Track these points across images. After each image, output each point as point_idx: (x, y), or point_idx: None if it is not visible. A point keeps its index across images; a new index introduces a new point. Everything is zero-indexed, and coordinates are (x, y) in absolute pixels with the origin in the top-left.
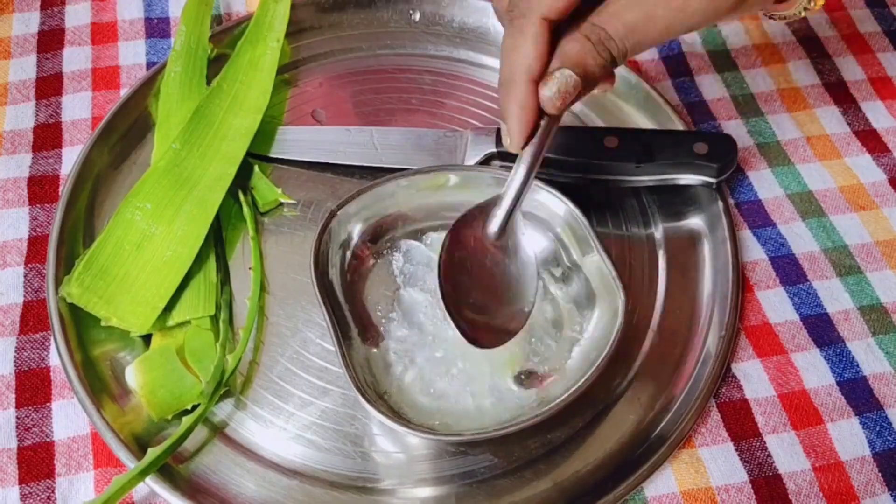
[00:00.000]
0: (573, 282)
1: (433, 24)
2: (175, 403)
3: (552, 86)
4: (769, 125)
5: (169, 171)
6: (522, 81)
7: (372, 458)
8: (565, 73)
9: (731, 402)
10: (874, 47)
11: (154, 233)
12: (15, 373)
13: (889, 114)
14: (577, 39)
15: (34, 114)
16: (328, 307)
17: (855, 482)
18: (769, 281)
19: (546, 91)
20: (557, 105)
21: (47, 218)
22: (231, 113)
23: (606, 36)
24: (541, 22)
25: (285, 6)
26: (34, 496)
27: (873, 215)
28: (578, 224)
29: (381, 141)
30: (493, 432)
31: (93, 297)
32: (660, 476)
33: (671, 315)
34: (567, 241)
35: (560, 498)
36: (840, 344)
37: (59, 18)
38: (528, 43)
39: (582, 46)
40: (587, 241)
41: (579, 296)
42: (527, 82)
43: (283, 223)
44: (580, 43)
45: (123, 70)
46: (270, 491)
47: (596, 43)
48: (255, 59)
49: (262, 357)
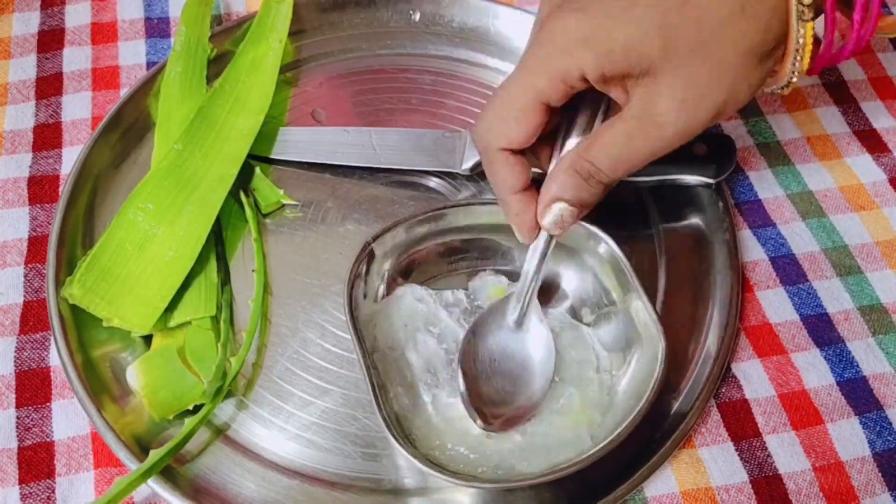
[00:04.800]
0: (612, 323)
1: (433, 24)
2: (176, 404)
3: (549, 217)
4: (769, 125)
5: (171, 171)
6: (508, 196)
7: (372, 457)
8: (561, 207)
9: (731, 402)
10: (874, 47)
11: (156, 233)
12: (15, 373)
13: (889, 114)
14: (568, 173)
15: (34, 114)
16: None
17: (855, 482)
18: (769, 281)
19: (545, 221)
20: (557, 231)
21: (47, 218)
22: (233, 113)
23: (596, 170)
24: (502, 152)
25: (287, 6)
26: (34, 496)
27: (873, 215)
28: (619, 264)
29: (379, 141)
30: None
31: (95, 297)
32: (660, 476)
33: (671, 315)
34: (607, 281)
35: (560, 498)
36: (840, 344)
37: (59, 18)
38: (499, 170)
39: (574, 181)
40: (628, 282)
41: (618, 337)
42: (512, 195)
43: (283, 223)
44: (571, 177)
45: (123, 70)
46: (270, 491)
47: (587, 178)
48: (258, 60)
49: (263, 358)
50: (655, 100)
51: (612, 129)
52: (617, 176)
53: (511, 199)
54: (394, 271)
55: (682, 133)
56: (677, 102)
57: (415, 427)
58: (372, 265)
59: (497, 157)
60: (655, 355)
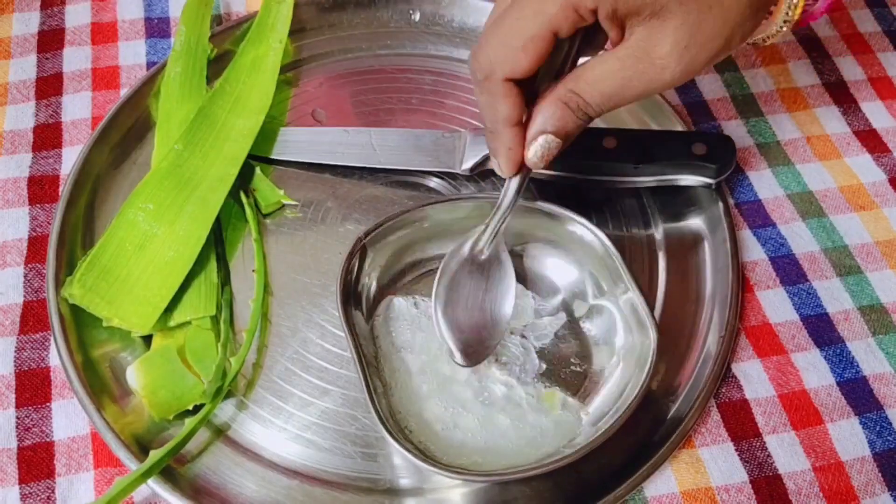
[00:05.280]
0: (603, 316)
1: (433, 24)
2: (176, 404)
3: (536, 149)
4: (769, 125)
5: (171, 171)
6: (505, 129)
7: (372, 457)
8: (548, 139)
9: (731, 402)
10: (874, 47)
11: (156, 233)
12: (15, 373)
13: (889, 114)
14: (556, 105)
15: (34, 114)
16: (356, 343)
17: (855, 482)
18: (769, 281)
19: (530, 154)
20: (541, 164)
21: (47, 218)
22: (233, 114)
23: (584, 103)
24: (506, 83)
25: (288, 7)
26: (34, 496)
27: (873, 215)
28: (611, 258)
29: (379, 142)
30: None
31: (95, 297)
32: (660, 476)
33: (671, 315)
34: (599, 274)
35: (560, 498)
36: (840, 344)
37: (59, 18)
38: (499, 101)
39: (562, 113)
40: (619, 275)
41: (609, 330)
42: (509, 128)
43: (283, 223)
44: (560, 109)
45: (123, 70)
46: (270, 491)
47: (575, 109)
48: (258, 60)
49: (263, 358)
50: (659, 41)
51: (606, 64)
52: (604, 110)
53: (507, 132)
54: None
55: (679, 79)
56: (681, 46)
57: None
58: (365, 262)
59: (500, 88)
60: (647, 346)
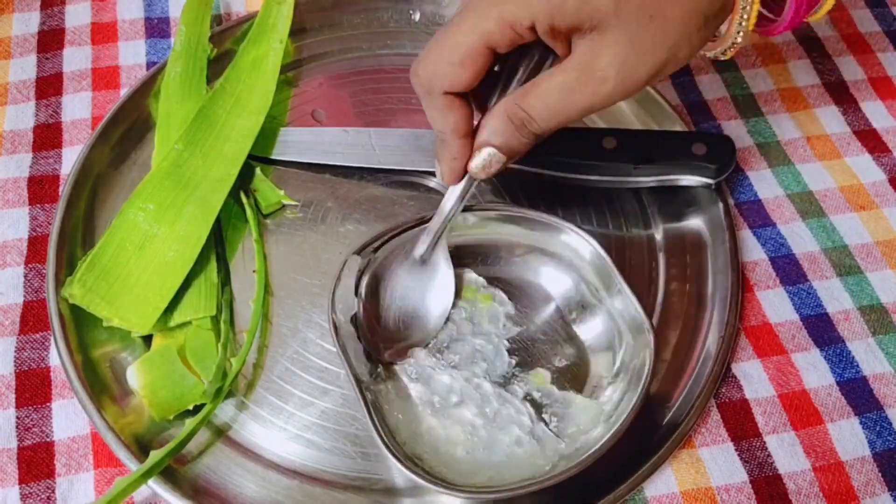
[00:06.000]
0: (598, 321)
1: (433, 24)
2: (176, 404)
3: (479, 161)
4: (769, 125)
5: (171, 172)
6: (455, 141)
7: (372, 458)
8: (490, 152)
9: (731, 402)
10: (874, 47)
11: (156, 234)
12: (15, 373)
13: (889, 114)
14: (501, 119)
15: (34, 114)
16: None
17: (855, 482)
18: (769, 281)
19: (473, 165)
20: (482, 175)
21: (47, 218)
22: (234, 114)
23: (529, 119)
24: (447, 96)
25: (288, 7)
26: (34, 496)
27: (873, 215)
28: (604, 265)
29: (379, 142)
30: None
31: (95, 297)
32: (660, 476)
33: (671, 315)
34: (592, 281)
35: (560, 498)
36: (840, 344)
37: (59, 18)
38: (443, 114)
39: (506, 127)
40: (612, 281)
41: (605, 335)
42: (457, 139)
43: (283, 223)
44: (504, 124)
45: (123, 70)
46: (270, 491)
47: (518, 126)
48: (258, 61)
49: (263, 358)
50: (599, 54)
51: (551, 79)
52: (550, 126)
53: (455, 143)
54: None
55: (621, 89)
56: (620, 59)
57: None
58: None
59: (441, 101)
60: (644, 349)
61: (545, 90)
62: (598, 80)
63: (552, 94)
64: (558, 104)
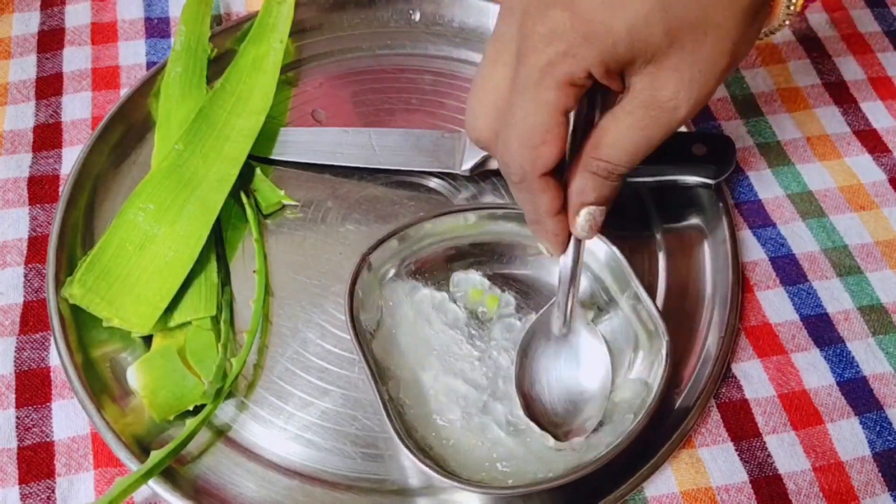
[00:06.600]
0: (612, 321)
1: (433, 24)
2: (177, 404)
3: (582, 223)
4: (769, 125)
5: (172, 172)
6: (551, 220)
7: (372, 458)
8: (590, 210)
9: (731, 402)
10: (874, 47)
11: (156, 234)
12: (15, 373)
13: (889, 114)
14: (586, 177)
15: (34, 114)
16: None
17: (855, 482)
18: (769, 281)
19: (578, 229)
20: (591, 235)
21: (47, 218)
22: (234, 114)
23: (613, 166)
24: (541, 178)
25: (289, 7)
26: (34, 496)
27: (873, 215)
28: (619, 266)
29: (379, 142)
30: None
31: (95, 297)
32: (660, 476)
33: (671, 315)
34: (607, 282)
35: (560, 498)
36: (840, 344)
37: (59, 18)
38: (539, 197)
39: (594, 182)
40: (628, 283)
41: (620, 334)
42: (552, 217)
43: (283, 223)
44: (591, 180)
45: (123, 70)
46: (270, 491)
47: (606, 176)
48: (259, 60)
49: (263, 358)
50: (663, 85)
51: (620, 122)
52: (634, 164)
53: (550, 222)
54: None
55: (695, 109)
56: (686, 83)
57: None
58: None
59: (537, 185)
60: (658, 352)
61: (617, 136)
62: (670, 111)
63: (626, 137)
64: (636, 146)
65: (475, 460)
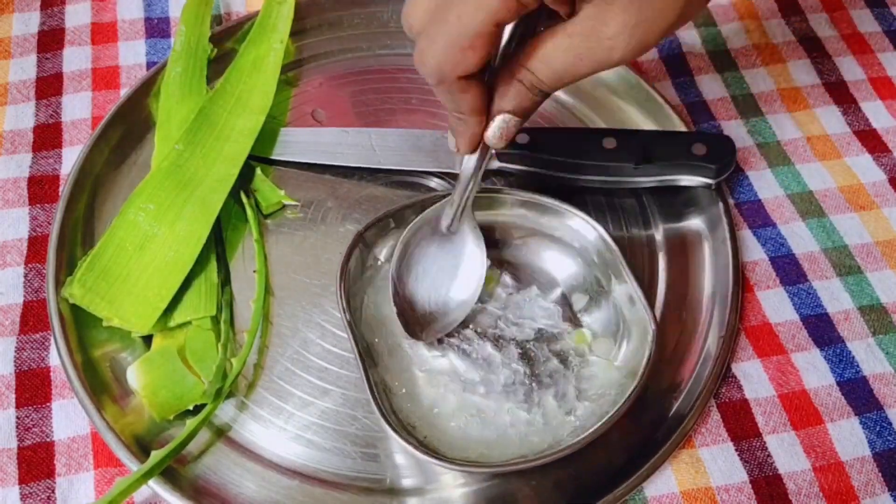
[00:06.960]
0: (603, 308)
1: None
2: (177, 404)
3: (494, 129)
4: (769, 125)
5: (172, 172)
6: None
7: (372, 457)
8: (505, 118)
9: (731, 402)
10: (874, 47)
11: (156, 234)
12: (15, 373)
13: (889, 114)
14: (511, 84)
15: (34, 114)
16: (355, 335)
17: (855, 482)
18: (769, 281)
19: (490, 133)
20: (501, 143)
21: (47, 218)
22: (234, 114)
23: (538, 80)
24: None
25: (289, 7)
26: (34, 496)
27: (873, 215)
28: (609, 251)
29: (379, 142)
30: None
31: (95, 297)
32: (660, 476)
33: (671, 315)
34: (598, 267)
35: (560, 498)
36: (840, 344)
37: (59, 18)
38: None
39: (517, 91)
40: (617, 268)
41: (609, 322)
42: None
43: (283, 223)
44: (515, 88)
45: (123, 70)
46: (270, 491)
47: (529, 87)
48: (259, 61)
49: (263, 358)
50: (607, 21)
51: (555, 41)
52: (557, 87)
53: (472, 120)
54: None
55: (630, 55)
56: (630, 27)
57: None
58: (367, 256)
59: (456, 86)
60: (645, 338)
61: (551, 53)
62: (605, 49)
63: (559, 58)
64: (564, 68)
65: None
